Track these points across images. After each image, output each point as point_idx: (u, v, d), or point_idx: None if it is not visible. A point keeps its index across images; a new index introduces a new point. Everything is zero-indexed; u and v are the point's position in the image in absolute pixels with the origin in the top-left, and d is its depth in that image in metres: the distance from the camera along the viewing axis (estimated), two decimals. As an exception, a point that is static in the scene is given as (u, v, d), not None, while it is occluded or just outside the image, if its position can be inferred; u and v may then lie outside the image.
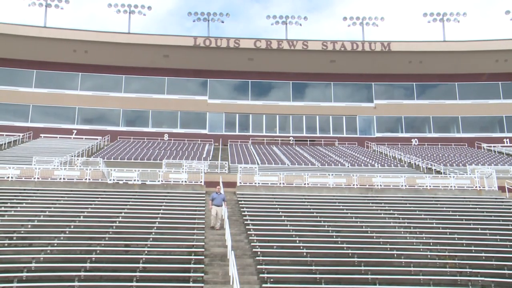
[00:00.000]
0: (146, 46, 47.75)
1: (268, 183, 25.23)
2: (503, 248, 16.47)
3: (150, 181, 24.71)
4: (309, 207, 21.41)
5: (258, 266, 14.58)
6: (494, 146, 45.49)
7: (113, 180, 24.70)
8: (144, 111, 50.52)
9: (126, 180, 24.68)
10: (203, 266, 14.58)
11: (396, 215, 20.31)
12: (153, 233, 17.01)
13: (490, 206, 22.45)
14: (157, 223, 18.25)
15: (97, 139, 43.81)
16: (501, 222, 19.59)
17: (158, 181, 24.73)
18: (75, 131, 47.72)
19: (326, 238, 17.28)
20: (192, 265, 14.50)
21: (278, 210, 20.69)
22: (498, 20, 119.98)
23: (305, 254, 15.63)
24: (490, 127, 50.57)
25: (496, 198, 23.87)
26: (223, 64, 50.23)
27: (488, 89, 51.26)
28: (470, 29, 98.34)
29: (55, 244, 15.61)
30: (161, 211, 19.90)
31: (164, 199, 22.03)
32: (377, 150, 44.32)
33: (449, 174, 29.13)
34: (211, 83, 51.94)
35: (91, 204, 20.50)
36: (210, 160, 34.19)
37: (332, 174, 26.58)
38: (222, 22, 52.54)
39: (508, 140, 48.47)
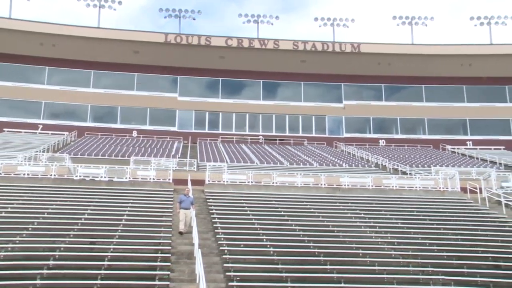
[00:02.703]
0: (116, 42, 47.15)
1: (236, 182, 25.25)
2: (463, 247, 16.92)
3: (117, 178, 24.42)
4: (276, 206, 21.52)
5: (225, 264, 14.59)
6: (458, 148, 46.56)
7: (79, 176, 24.32)
8: (113, 107, 49.90)
9: (92, 177, 24.31)
10: (169, 264, 14.50)
11: (362, 215, 20.60)
12: (120, 231, 16.83)
13: (453, 206, 22.98)
14: (123, 220, 18.07)
15: (63, 134, 43.02)
16: (462, 223, 20.10)
17: (126, 178, 24.46)
18: (40, 126, 46.75)
19: (293, 237, 17.41)
20: (158, 263, 14.41)
21: (246, 208, 20.73)
22: (464, 26, 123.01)
23: (271, 252, 15.71)
24: (455, 129, 51.73)
25: (458, 199, 24.45)
26: (194, 62, 50.00)
27: (453, 92, 52.48)
28: (437, 33, 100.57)
29: (17, 242, 15.29)
30: (128, 208, 19.71)
31: (131, 196, 21.80)
32: (345, 150, 44.84)
33: (414, 175, 29.70)
34: (182, 81, 51.67)
35: (56, 201, 20.15)
36: (179, 157, 33.96)
37: (300, 174, 26.77)
38: (194, 19, 52.52)
39: (471, 142, 49.71)
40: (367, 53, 49.46)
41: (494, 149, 46.65)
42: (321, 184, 25.50)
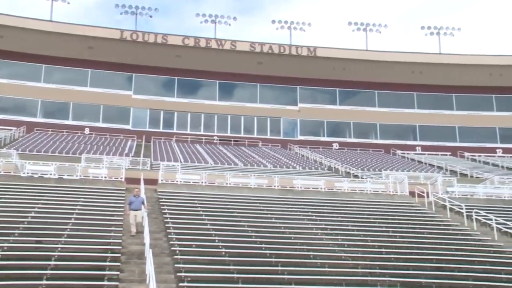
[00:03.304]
0: (69, 36, 45.98)
1: (190, 182, 25.13)
2: (410, 250, 17.43)
3: (67, 175, 23.81)
4: (229, 207, 21.54)
5: (176, 265, 14.48)
6: (407, 153, 47.94)
7: (27, 173, 23.60)
8: (65, 103, 48.68)
9: (41, 174, 23.67)
10: (119, 264, 14.27)
11: (314, 217, 20.88)
12: (68, 229, 16.43)
13: (401, 210, 23.65)
14: (73, 219, 17.65)
15: (11, 130, 41.60)
16: (409, 226, 20.70)
17: (76, 176, 23.89)
18: (-14, 121, 45.07)
19: (245, 238, 17.46)
20: (107, 263, 14.15)
21: (199, 209, 20.66)
22: (415, 34, 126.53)
23: (223, 253, 15.71)
24: (405, 135, 53.23)
25: (406, 203, 25.16)
26: (150, 60, 49.40)
27: (404, 99, 53.98)
28: (391, 40, 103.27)
29: (-41, 240, 14.69)
30: (78, 207, 19.27)
31: (81, 194, 21.34)
32: (299, 153, 45.33)
33: (365, 178, 30.35)
34: (137, 78, 50.94)
35: (0, 198, 19.46)
36: (132, 156, 33.51)
37: (254, 175, 26.89)
38: (151, 16, 52.13)
39: (420, 148, 51.29)
40: (322, 57, 50.19)
41: (441, 155, 48.27)
42: (274, 186, 25.74)
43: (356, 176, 32.89)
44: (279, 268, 14.96)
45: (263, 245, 16.65)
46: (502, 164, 42.18)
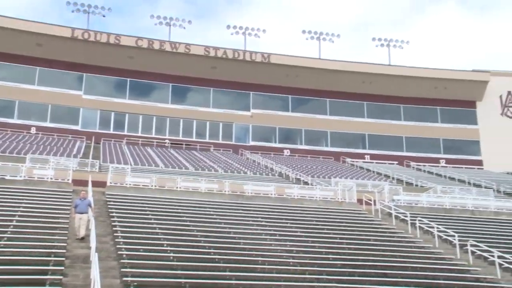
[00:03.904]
0: (16, 32, 44.58)
1: (139, 185, 24.79)
2: (356, 256, 17.78)
3: (10, 176, 22.99)
4: (179, 211, 21.37)
5: (122, 269, 14.21)
6: (356, 161, 48.98)
7: (-34, 173, 22.64)
8: (9, 101, 46.99)
9: (-19, 174, 22.75)
10: (63, 268, 13.85)
11: (263, 223, 20.99)
12: (9, 232, 15.81)
13: (349, 217, 24.11)
14: (14, 221, 17.03)
15: (-50, 127, 39.85)
16: (356, 232, 21.13)
17: (20, 176, 23.09)
18: None
19: (194, 242, 17.34)
20: (50, 267, 13.69)
21: (148, 212, 20.38)
22: (366, 45, 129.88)
23: (171, 258, 15.54)
24: (354, 143, 54.41)
25: (354, 210, 25.68)
26: (101, 60, 48.45)
27: (354, 108, 55.18)
28: (343, 50, 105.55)
29: None
30: (21, 209, 18.61)
31: (25, 196, 20.62)
32: (251, 158, 45.50)
33: (315, 185, 30.79)
34: (88, 78, 49.82)
35: None
36: (80, 157, 32.71)
37: (204, 179, 26.80)
38: (104, 16, 51.21)
39: (368, 156, 52.53)
40: (276, 64, 50.74)
41: (389, 163, 49.60)
42: (225, 191, 25.70)
43: (306, 183, 33.30)
44: (227, 273, 14.93)
45: (211, 250, 16.60)
46: (445, 174, 43.77)
